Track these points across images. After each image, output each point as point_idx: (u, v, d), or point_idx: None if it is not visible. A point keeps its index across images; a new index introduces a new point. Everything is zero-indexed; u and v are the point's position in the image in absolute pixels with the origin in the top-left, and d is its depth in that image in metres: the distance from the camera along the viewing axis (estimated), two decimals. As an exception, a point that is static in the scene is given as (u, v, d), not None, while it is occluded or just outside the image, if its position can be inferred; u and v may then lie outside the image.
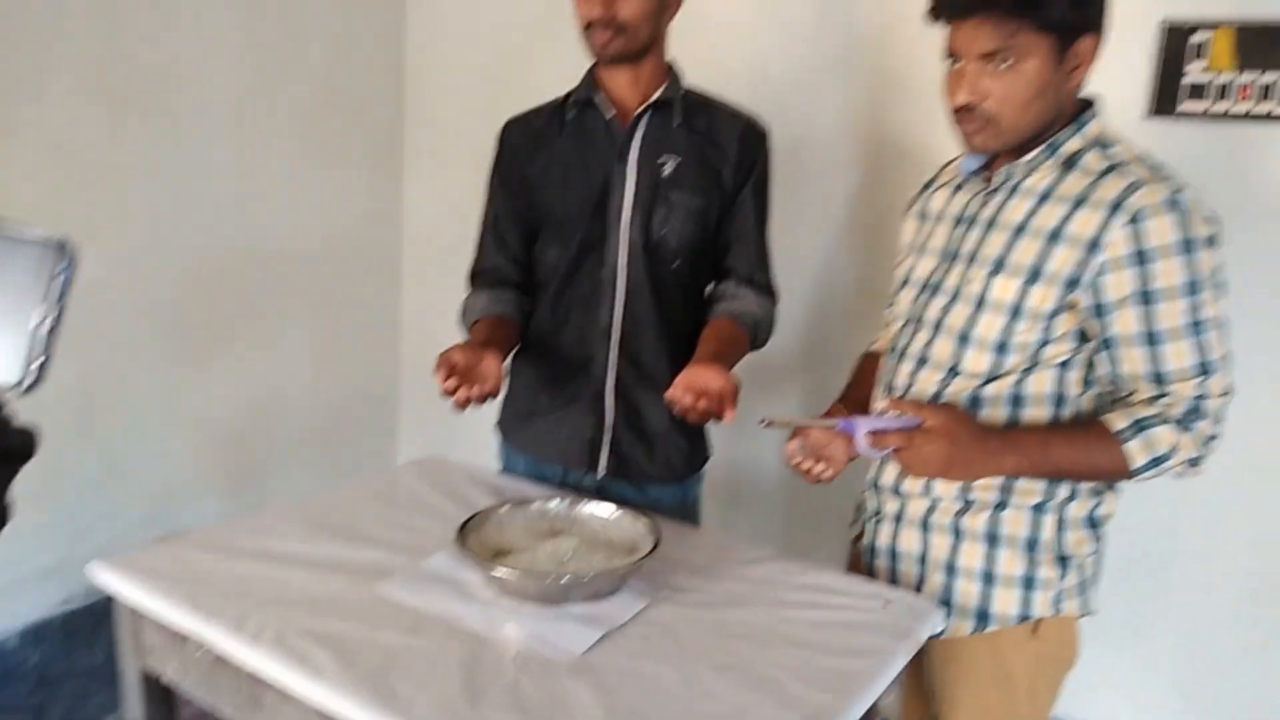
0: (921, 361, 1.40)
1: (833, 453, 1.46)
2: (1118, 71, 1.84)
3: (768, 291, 1.72)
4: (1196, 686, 1.98)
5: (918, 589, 1.43)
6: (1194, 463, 1.26)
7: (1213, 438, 1.25)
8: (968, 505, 1.38)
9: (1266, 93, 1.74)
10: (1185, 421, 1.24)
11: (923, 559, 1.43)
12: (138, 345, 2.48)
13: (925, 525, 1.42)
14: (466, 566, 1.32)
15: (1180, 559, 1.96)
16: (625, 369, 1.67)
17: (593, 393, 1.69)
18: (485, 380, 1.46)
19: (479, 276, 1.75)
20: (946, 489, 1.38)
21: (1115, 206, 1.22)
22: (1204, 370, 1.23)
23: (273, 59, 2.61)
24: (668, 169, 1.63)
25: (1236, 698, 1.95)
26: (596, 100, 1.64)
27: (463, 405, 1.43)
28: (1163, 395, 1.25)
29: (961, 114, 1.29)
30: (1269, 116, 1.74)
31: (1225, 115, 1.78)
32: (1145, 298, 1.22)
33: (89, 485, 2.45)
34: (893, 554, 1.47)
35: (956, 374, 1.36)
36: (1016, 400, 1.33)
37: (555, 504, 1.46)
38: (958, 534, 1.39)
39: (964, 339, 1.34)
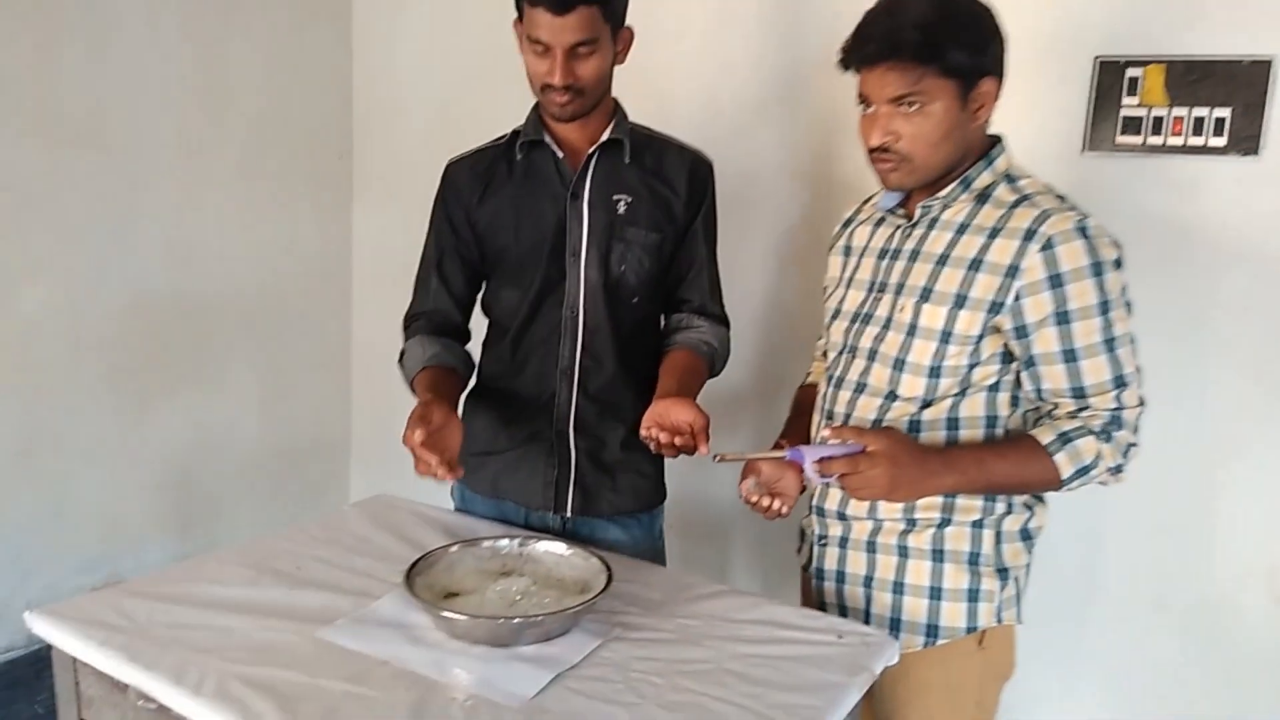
0: (860, 388, 1.45)
1: (784, 487, 1.50)
2: (1055, 108, 1.90)
3: (721, 320, 1.73)
4: (1127, 695, 2.01)
5: (866, 610, 1.46)
6: (1116, 470, 1.33)
7: (1131, 445, 1.34)
8: (912, 525, 1.42)
9: (1198, 127, 1.79)
10: (1105, 432, 1.31)
11: (869, 580, 1.46)
12: (78, 384, 2.43)
13: (871, 546, 1.46)
14: (415, 609, 1.29)
15: (1105, 570, 2.00)
16: (586, 406, 1.66)
17: (555, 432, 1.67)
18: (446, 450, 1.42)
19: (421, 319, 1.71)
20: (890, 510, 1.43)
21: (1029, 234, 1.30)
22: (1119, 383, 1.31)
23: (216, 92, 2.59)
24: (622, 207, 1.62)
25: (1165, 704, 1.97)
26: (546, 141, 1.63)
27: (426, 474, 1.40)
28: (1083, 409, 1.33)
29: (877, 154, 1.36)
30: (1202, 149, 1.79)
31: (1160, 149, 1.83)
32: (1061, 318, 1.30)
33: (30, 529, 2.39)
34: (840, 576, 1.49)
35: (895, 399, 1.41)
36: (953, 424, 1.39)
37: (505, 543, 1.44)
38: (904, 553, 1.43)
39: (899, 365, 1.40)
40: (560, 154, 1.63)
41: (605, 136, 1.62)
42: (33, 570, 2.39)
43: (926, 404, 1.39)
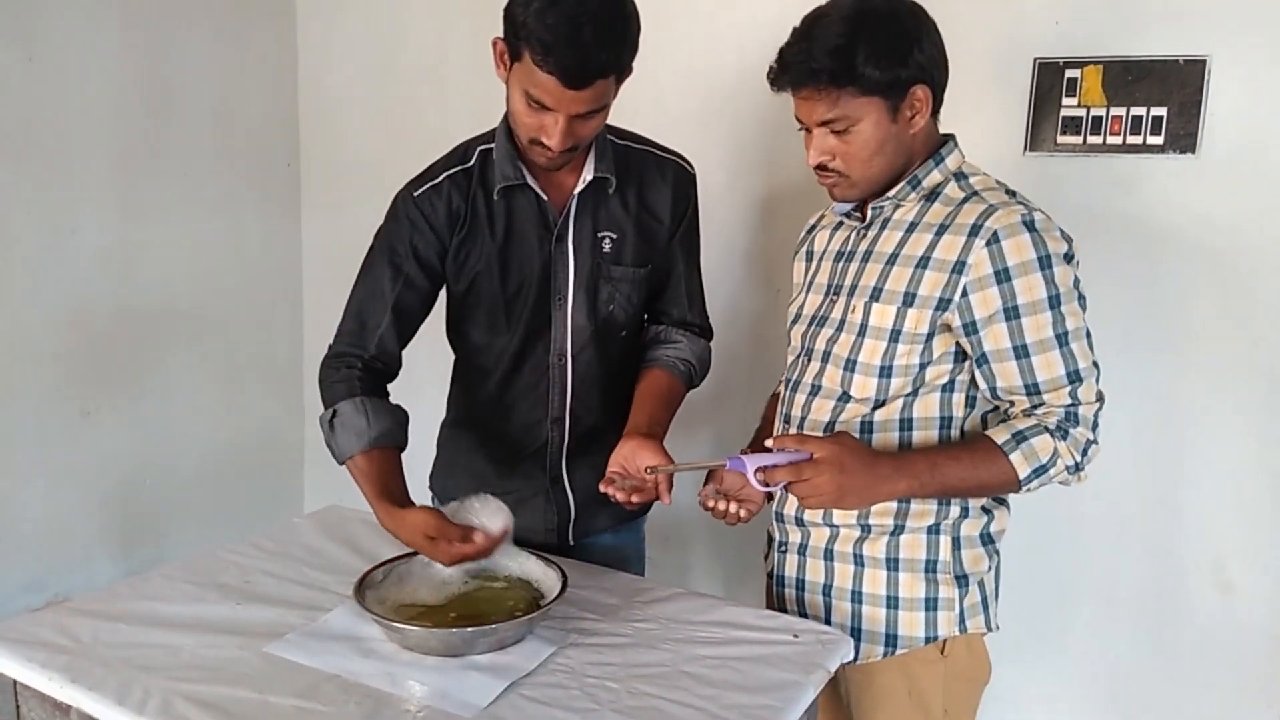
0: (814, 390, 1.45)
1: (748, 493, 1.48)
2: (996, 109, 1.93)
3: (702, 331, 1.69)
4: (1108, 697, 2.04)
5: (826, 617, 1.45)
6: (1074, 469, 1.31)
7: (1091, 443, 1.32)
8: (867, 531, 1.41)
9: (1136, 125, 1.83)
10: (1061, 429, 1.30)
11: (828, 589, 1.45)
12: (18, 399, 2.37)
13: (828, 554, 1.45)
14: (365, 621, 1.28)
15: (1084, 573, 2.02)
16: (577, 448, 1.62)
17: (550, 478, 1.63)
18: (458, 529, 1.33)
19: (357, 364, 1.51)
20: (845, 517, 1.42)
21: (975, 230, 1.30)
22: (1073, 379, 1.30)
23: (158, 100, 2.54)
24: (607, 244, 1.55)
25: (1146, 705, 2.00)
26: (528, 184, 1.51)
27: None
28: (1038, 406, 1.32)
29: (818, 171, 1.39)
30: (1140, 148, 1.83)
31: (1100, 148, 1.86)
32: (1011, 313, 1.29)
33: (-33, 551, 2.32)
34: (799, 584, 1.49)
35: (848, 400, 1.41)
36: (906, 425, 1.38)
37: (459, 551, 1.43)
38: (860, 561, 1.42)
39: (850, 365, 1.40)
40: (544, 196, 1.52)
41: (590, 175, 1.51)
42: (-28, 593, 2.33)
43: (879, 404, 1.38)
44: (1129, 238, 1.87)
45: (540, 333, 1.57)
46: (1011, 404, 1.34)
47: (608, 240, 1.55)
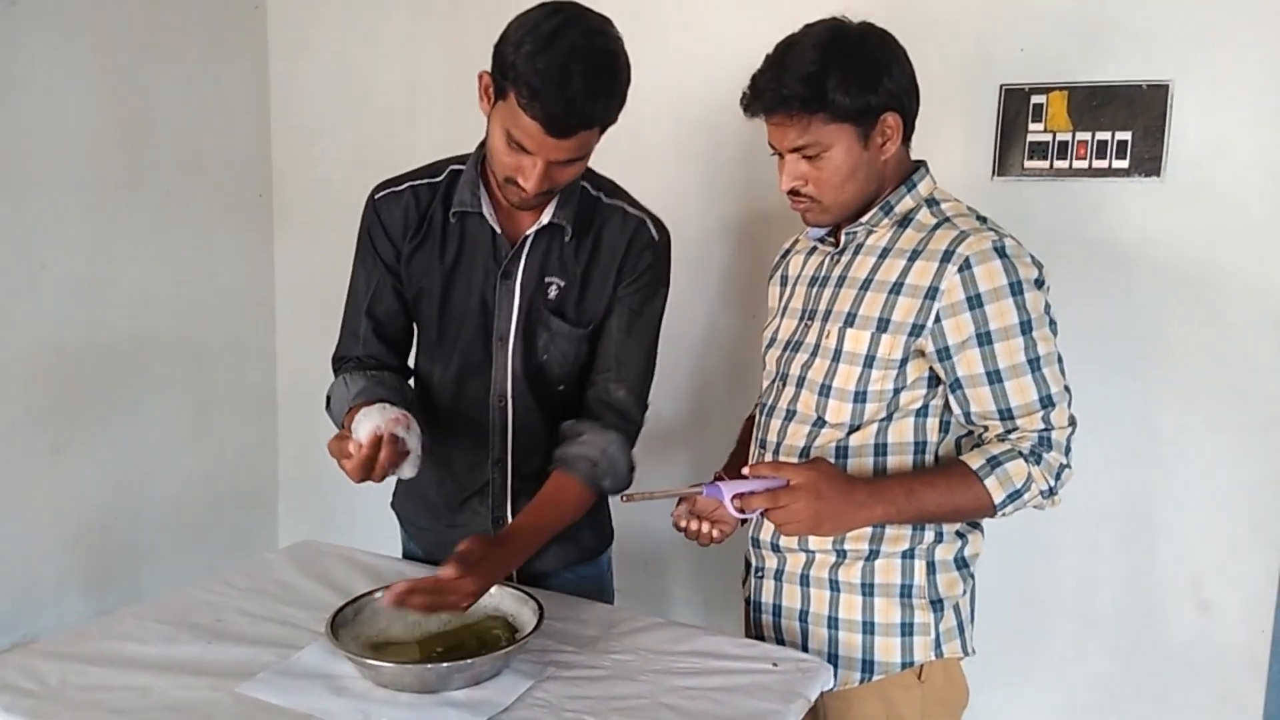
0: (789, 415, 1.45)
1: (721, 514, 1.46)
2: (964, 136, 1.95)
3: (617, 415, 1.53)
4: (1087, 717, 2.04)
5: (804, 644, 1.45)
6: (1048, 494, 1.33)
7: (1064, 467, 1.33)
8: (842, 557, 1.41)
9: (1102, 150, 1.85)
10: (1035, 454, 1.31)
11: (804, 615, 1.45)
12: (-13, 436, 2.34)
13: (804, 580, 1.45)
14: (339, 659, 1.26)
15: (1061, 594, 2.03)
16: (522, 488, 1.56)
17: (494, 518, 1.59)
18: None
19: (352, 362, 1.56)
20: (820, 543, 1.42)
21: (947, 256, 1.31)
22: (1046, 404, 1.31)
23: (130, 131, 2.53)
24: (552, 291, 1.50)
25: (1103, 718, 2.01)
26: (486, 214, 1.48)
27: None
28: (1011, 431, 1.33)
29: (791, 196, 1.40)
30: (1106, 171, 1.86)
31: (1067, 172, 1.88)
32: (983, 339, 1.30)
33: (-67, 591, 2.28)
34: (776, 610, 1.49)
35: (823, 425, 1.41)
36: (881, 450, 1.39)
37: (435, 585, 1.41)
38: (835, 587, 1.42)
39: (825, 391, 1.40)
40: (498, 229, 1.49)
41: (546, 218, 1.47)
42: (-60, 634, 2.29)
43: (853, 429, 1.39)
44: (1098, 260, 1.89)
45: (478, 370, 1.53)
46: (985, 429, 1.35)
47: (554, 287, 1.50)
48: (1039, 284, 1.32)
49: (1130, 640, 1.97)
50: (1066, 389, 1.33)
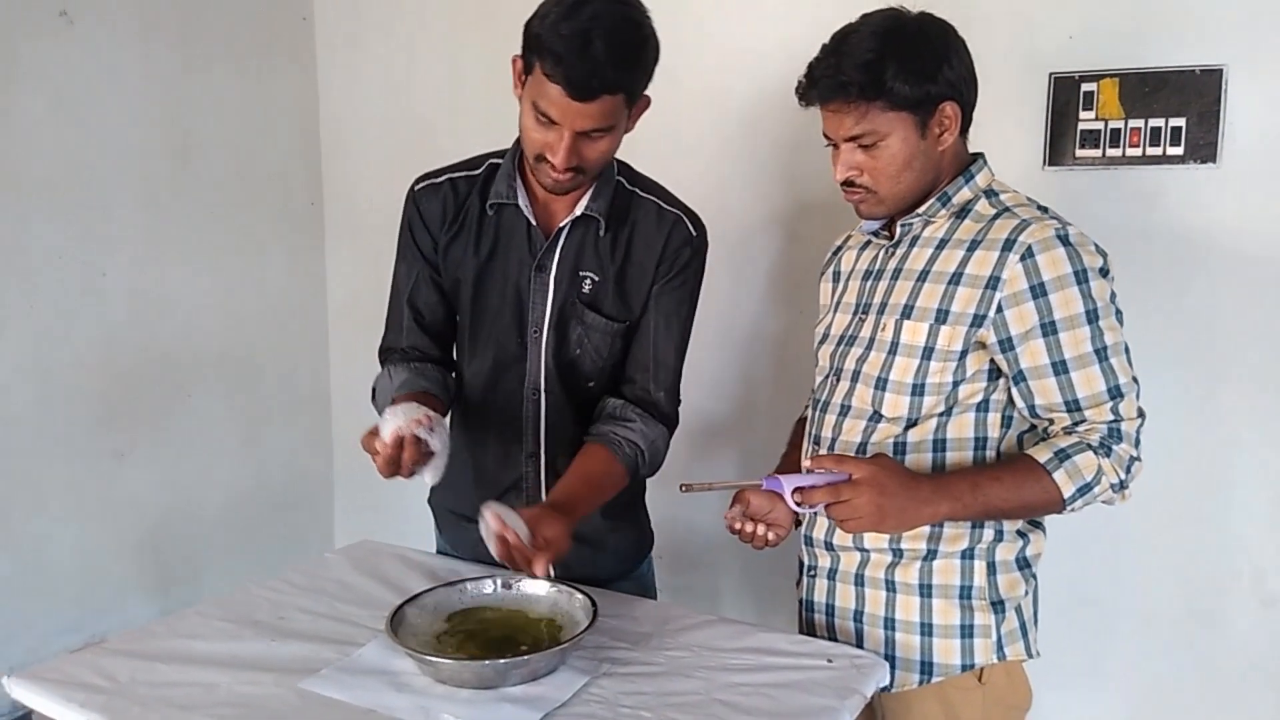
0: (844, 410, 1.43)
1: (777, 517, 1.46)
2: (1013, 126, 1.93)
3: (662, 415, 1.55)
4: (1149, 716, 2.00)
5: (859, 644, 1.43)
6: (1119, 487, 1.29)
7: (1134, 460, 1.29)
8: (898, 557, 1.39)
9: (1155, 137, 1.82)
10: (1104, 446, 1.28)
11: (859, 614, 1.44)
12: (49, 444, 2.40)
13: (859, 580, 1.43)
14: (399, 655, 1.28)
15: (1121, 592, 1.99)
16: (555, 485, 1.52)
17: None
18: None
19: (396, 355, 1.59)
20: (876, 541, 1.40)
21: (1008, 244, 1.28)
22: (1114, 394, 1.28)
23: (181, 142, 2.59)
24: (587, 285, 1.51)
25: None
26: (521, 207, 1.50)
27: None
28: (1079, 423, 1.29)
29: (845, 187, 1.38)
30: (1161, 159, 1.82)
31: (1120, 160, 1.85)
32: (1048, 329, 1.27)
33: (7, 594, 2.35)
34: (829, 609, 1.47)
35: (879, 420, 1.39)
36: (940, 445, 1.36)
37: (489, 584, 1.43)
38: (892, 587, 1.40)
39: (880, 384, 1.38)
40: (534, 222, 1.51)
41: (580, 210, 1.48)
42: (12, 634, 2.35)
43: (911, 424, 1.36)
44: (1153, 249, 1.85)
45: (513, 362, 1.55)
46: (1050, 422, 1.32)
47: (588, 281, 1.51)
48: (1104, 273, 1.29)
49: (1192, 637, 1.93)
50: (1135, 379, 1.30)
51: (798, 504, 1.28)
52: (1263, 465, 1.84)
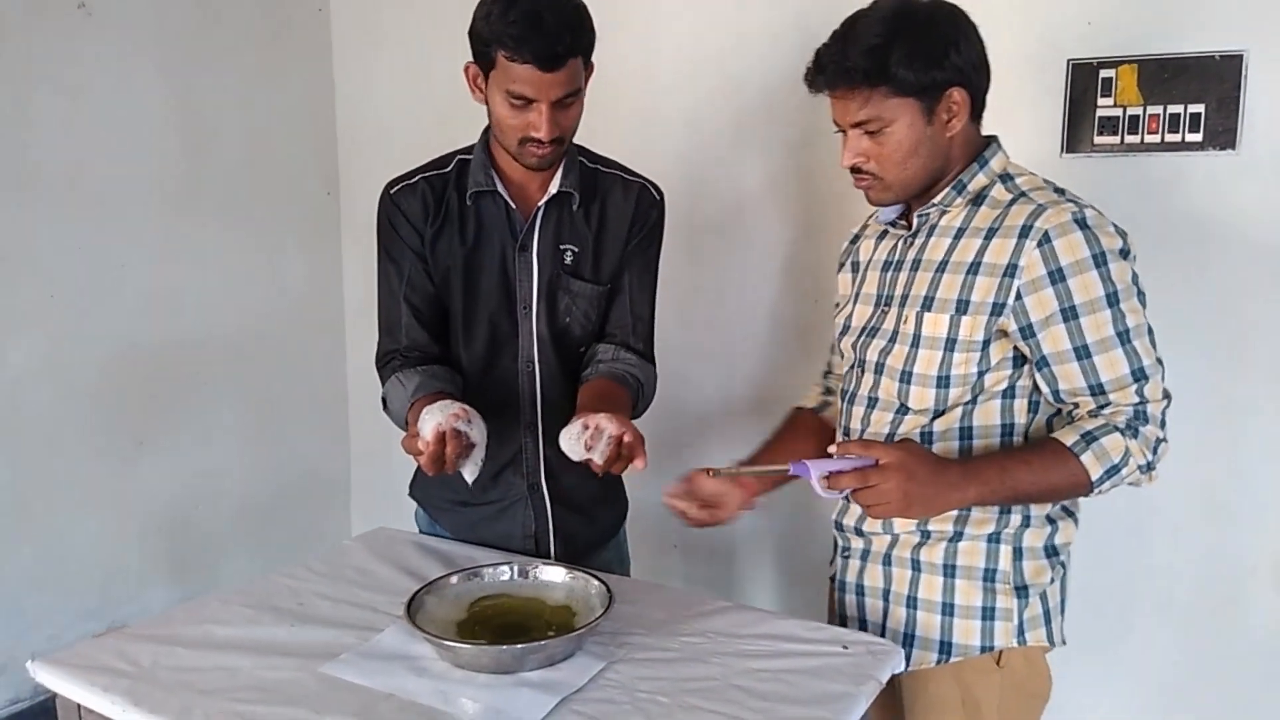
0: (871, 403, 1.44)
1: (725, 500, 1.47)
2: (1031, 112, 1.92)
3: (645, 357, 1.66)
4: (1166, 704, 1.99)
5: (884, 623, 1.44)
6: (1146, 469, 1.28)
7: (1160, 441, 1.29)
8: (925, 538, 1.40)
9: (1174, 123, 1.81)
10: (1131, 428, 1.27)
11: (886, 593, 1.44)
12: (70, 436, 2.43)
13: (887, 559, 1.44)
14: (418, 640, 1.29)
15: (1139, 579, 1.99)
16: (553, 457, 1.59)
17: (529, 485, 1.65)
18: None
19: (396, 358, 1.60)
20: (905, 525, 1.40)
21: (1025, 231, 1.27)
22: (1139, 377, 1.27)
23: (197, 137, 2.61)
24: (569, 257, 1.60)
25: (1205, 713, 1.96)
26: (499, 191, 1.58)
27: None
28: (1105, 406, 1.29)
29: (853, 173, 1.38)
30: (1180, 145, 1.81)
31: (1139, 147, 1.84)
32: (1069, 314, 1.26)
33: (30, 582, 2.38)
34: (859, 589, 1.48)
35: (906, 412, 1.39)
36: (967, 433, 1.36)
37: (505, 571, 1.44)
38: (917, 566, 1.41)
39: (905, 377, 1.38)
40: (513, 205, 1.59)
41: (555, 189, 1.58)
42: (35, 622, 2.38)
43: (938, 414, 1.36)
44: (1173, 236, 1.84)
45: (506, 341, 1.61)
46: (1076, 406, 1.31)
47: (569, 253, 1.60)
48: (1124, 254, 1.28)
49: (1210, 625, 1.93)
50: (1159, 361, 1.29)
51: (825, 490, 1.27)
52: (1281, 453, 1.83)
